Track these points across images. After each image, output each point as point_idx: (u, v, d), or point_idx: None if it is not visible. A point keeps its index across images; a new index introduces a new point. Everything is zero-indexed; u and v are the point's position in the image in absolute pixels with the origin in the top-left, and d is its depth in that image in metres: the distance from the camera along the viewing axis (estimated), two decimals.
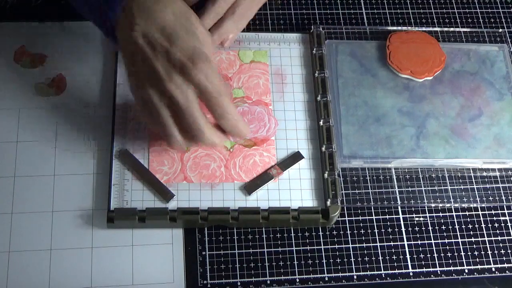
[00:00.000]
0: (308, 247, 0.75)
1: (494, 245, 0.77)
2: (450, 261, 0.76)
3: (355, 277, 0.74)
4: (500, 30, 0.91)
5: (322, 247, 0.75)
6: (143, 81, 0.68)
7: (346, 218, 0.77)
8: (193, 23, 0.69)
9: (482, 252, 0.76)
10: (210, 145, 0.70)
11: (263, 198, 0.76)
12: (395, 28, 0.90)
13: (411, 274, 0.74)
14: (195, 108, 0.68)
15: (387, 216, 0.78)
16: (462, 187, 0.80)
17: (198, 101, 0.68)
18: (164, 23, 0.67)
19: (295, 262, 0.74)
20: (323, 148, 0.79)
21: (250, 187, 0.76)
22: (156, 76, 0.67)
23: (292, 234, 0.76)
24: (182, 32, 0.67)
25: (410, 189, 0.79)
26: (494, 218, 0.79)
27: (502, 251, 0.77)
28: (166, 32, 0.67)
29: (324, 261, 0.74)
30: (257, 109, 0.81)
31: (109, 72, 0.82)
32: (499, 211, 0.79)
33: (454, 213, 0.79)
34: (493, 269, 0.75)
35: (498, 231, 0.78)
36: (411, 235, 0.77)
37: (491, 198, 0.80)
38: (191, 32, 0.68)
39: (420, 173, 0.80)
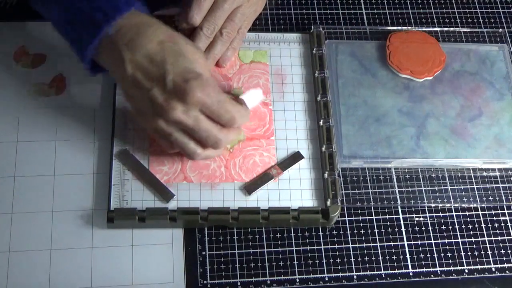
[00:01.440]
0: (308, 247, 0.75)
1: (494, 245, 0.77)
2: (450, 261, 0.76)
3: (355, 277, 0.74)
4: (500, 30, 0.91)
5: (322, 247, 0.75)
6: (146, 113, 0.69)
7: (346, 218, 0.77)
8: (180, 45, 0.70)
9: (482, 252, 0.76)
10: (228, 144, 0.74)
11: (263, 198, 0.76)
12: (395, 28, 0.90)
13: (411, 274, 0.74)
14: (205, 122, 0.69)
15: (387, 216, 0.78)
16: (462, 187, 0.80)
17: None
18: (151, 52, 0.68)
19: (295, 262, 0.74)
20: (323, 148, 0.79)
21: (250, 187, 0.76)
22: (158, 106, 0.67)
23: (292, 234, 0.76)
24: (170, 57, 0.68)
25: (410, 189, 0.79)
26: (494, 218, 0.79)
27: (502, 251, 0.77)
28: (155, 60, 0.67)
29: (324, 261, 0.74)
30: (260, 108, 0.81)
31: None
32: (499, 211, 0.79)
33: (454, 213, 0.79)
34: (493, 269, 0.75)
35: (498, 231, 0.78)
36: (411, 235, 0.77)
37: (491, 198, 0.80)
38: (179, 54, 0.69)
39: (420, 173, 0.80)
